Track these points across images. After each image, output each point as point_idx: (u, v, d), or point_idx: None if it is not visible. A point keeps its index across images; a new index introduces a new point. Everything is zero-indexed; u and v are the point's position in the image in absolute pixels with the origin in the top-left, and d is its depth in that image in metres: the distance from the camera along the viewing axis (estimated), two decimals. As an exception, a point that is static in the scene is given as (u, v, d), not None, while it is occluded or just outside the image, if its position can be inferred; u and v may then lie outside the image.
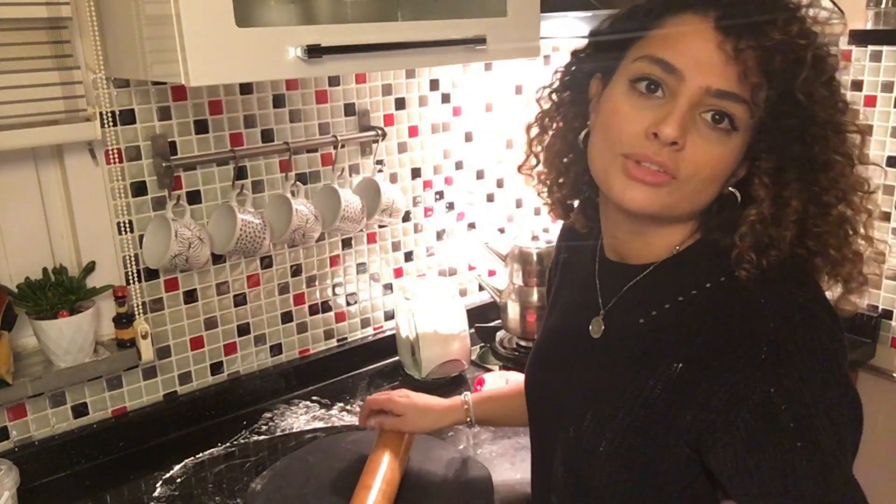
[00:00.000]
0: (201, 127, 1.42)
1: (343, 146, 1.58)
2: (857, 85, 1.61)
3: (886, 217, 1.62)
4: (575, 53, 0.88)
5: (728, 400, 0.71)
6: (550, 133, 0.91)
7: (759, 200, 0.73)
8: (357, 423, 1.43)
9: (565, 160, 0.89)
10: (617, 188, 0.76)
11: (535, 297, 1.72)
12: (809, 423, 0.69)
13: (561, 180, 0.91)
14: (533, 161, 0.93)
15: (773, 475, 0.69)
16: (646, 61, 0.74)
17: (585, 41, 0.86)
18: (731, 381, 0.71)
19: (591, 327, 0.88)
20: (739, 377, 0.71)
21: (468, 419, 1.22)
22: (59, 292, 1.29)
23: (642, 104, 0.74)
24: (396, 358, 1.71)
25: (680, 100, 0.72)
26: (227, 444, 1.44)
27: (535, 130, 0.92)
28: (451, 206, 1.83)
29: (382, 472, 1.17)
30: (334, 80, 1.57)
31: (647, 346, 0.80)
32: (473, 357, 1.73)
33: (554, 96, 0.90)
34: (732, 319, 0.74)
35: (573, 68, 0.87)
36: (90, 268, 1.34)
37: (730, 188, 0.77)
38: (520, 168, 0.95)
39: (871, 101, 1.60)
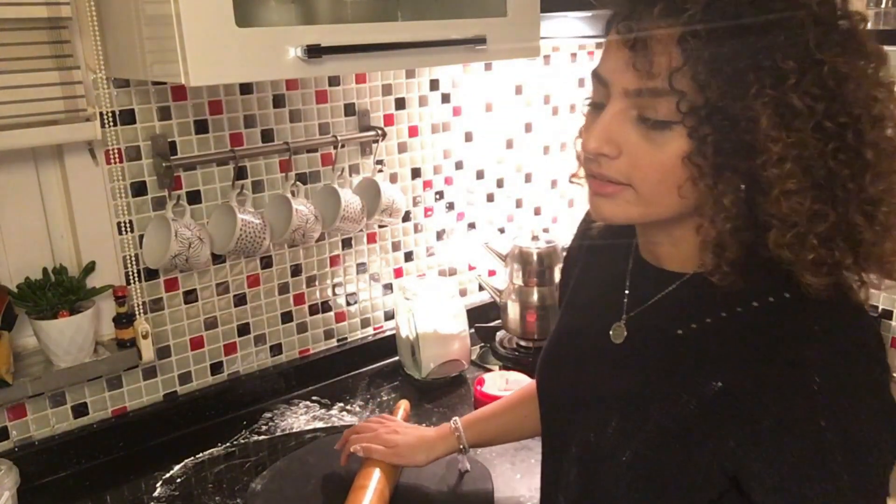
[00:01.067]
0: (201, 127, 1.42)
1: (343, 146, 1.58)
2: (857, 85, 1.61)
3: (886, 217, 1.62)
4: None
5: (776, 429, 0.69)
6: None
7: (707, 190, 0.69)
8: (356, 423, 1.43)
9: None
10: (589, 203, 0.78)
11: (535, 297, 1.72)
12: (858, 458, 0.67)
13: None
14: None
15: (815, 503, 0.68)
16: (593, 76, 0.75)
17: None
18: (780, 409, 0.69)
19: (611, 332, 0.85)
20: (790, 406, 0.68)
21: (461, 446, 1.19)
22: (59, 292, 1.29)
23: (591, 118, 0.75)
24: (396, 358, 1.71)
25: (606, 109, 0.72)
26: (227, 444, 1.44)
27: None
28: (451, 206, 1.83)
29: (378, 472, 1.17)
30: (334, 80, 1.57)
31: (683, 358, 0.77)
32: (473, 357, 1.73)
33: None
34: (782, 344, 0.70)
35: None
36: (90, 268, 1.34)
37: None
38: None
39: (871, 101, 1.60)
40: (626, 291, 0.86)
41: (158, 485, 1.32)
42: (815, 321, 0.70)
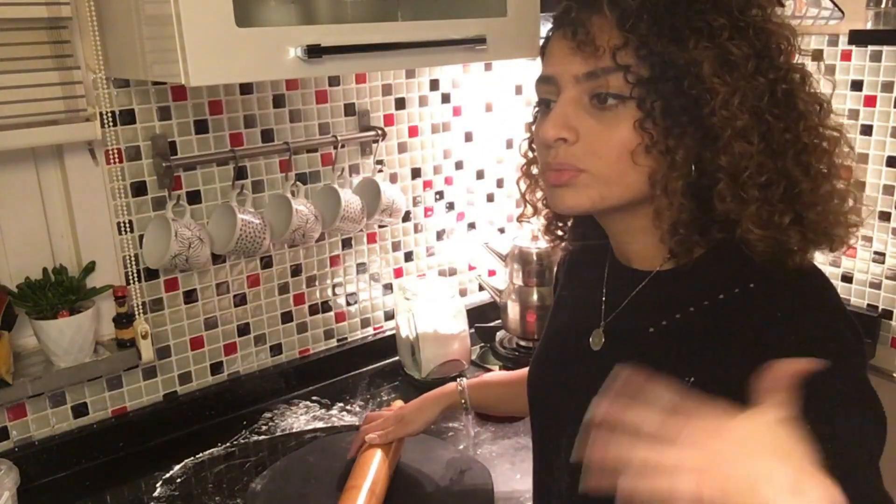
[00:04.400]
0: (201, 127, 1.42)
1: (343, 146, 1.58)
2: (857, 85, 1.61)
3: (886, 217, 1.62)
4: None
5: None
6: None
7: (652, 163, 0.72)
8: (357, 424, 1.43)
9: None
10: (549, 198, 0.80)
11: (535, 297, 1.72)
12: (836, 447, 0.66)
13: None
14: (530, 210, 0.94)
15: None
16: (537, 84, 0.80)
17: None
18: (749, 399, 0.67)
19: (591, 339, 0.86)
20: (759, 395, 0.68)
21: (463, 402, 1.22)
22: (59, 292, 1.29)
23: (543, 119, 0.78)
24: (396, 358, 1.71)
25: (559, 99, 0.75)
26: (227, 444, 1.44)
27: (524, 183, 0.93)
28: (451, 206, 1.83)
29: (372, 472, 1.16)
30: (334, 80, 1.57)
31: (656, 357, 0.78)
32: (473, 357, 1.73)
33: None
34: (747, 332, 0.72)
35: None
36: (90, 268, 1.34)
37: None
38: (520, 219, 0.96)
39: (871, 101, 1.60)
40: (604, 296, 0.87)
41: (158, 485, 1.32)
42: (778, 307, 0.72)
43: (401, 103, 1.68)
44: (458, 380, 1.24)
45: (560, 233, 0.95)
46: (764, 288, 0.73)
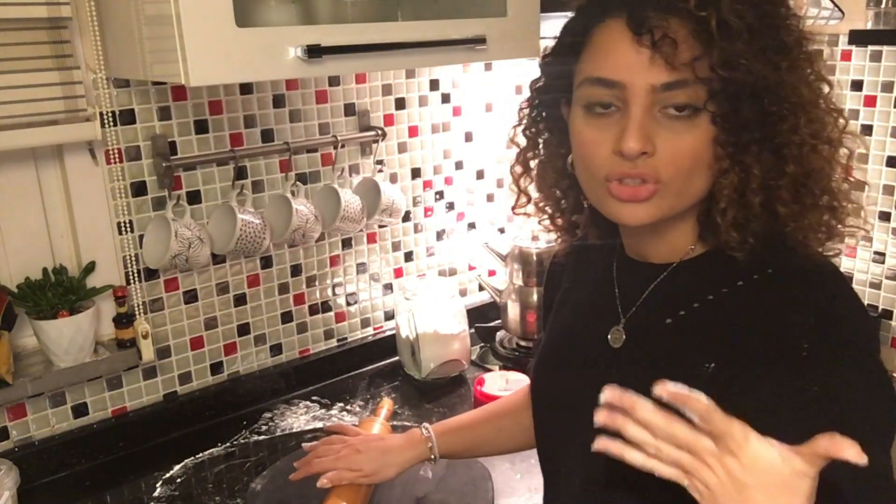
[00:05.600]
0: (201, 127, 1.42)
1: (343, 146, 1.58)
2: (857, 85, 1.61)
3: (886, 217, 1.62)
4: (533, 85, 0.88)
5: (769, 400, 0.69)
6: (536, 166, 0.91)
7: (725, 172, 0.73)
8: (357, 423, 1.43)
9: (562, 186, 0.89)
10: (613, 212, 0.77)
11: (535, 297, 1.72)
12: (855, 422, 0.67)
13: (563, 204, 0.90)
14: (524, 199, 0.93)
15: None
16: (588, 84, 0.75)
17: (539, 72, 0.87)
18: (772, 380, 0.70)
19: (610, 336, 0.85)
20: (781, 376, 0.69)
21: (431, 456, 1.12)
22: (59, 292, 1.29)
23: (602, 124, 0.74)
24: (396, 358, 1.71)
25: (633, 109, 0.72)
26: (227, 444, 1.44)
27: (518, 169, 0.92)
28: (451, 206, 1.83)
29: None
30: (334, 80, 1.57)
31: (674, 346, 0.78)
32: (473, 357, 1.73)
33: (528, 132, 0.90)
34: (768, 316, 0.73)
35: (536, 101, 0.88)
36: (90, 268, 1.34)
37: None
38: (514, 209, 0.94)
39: (871, 102, 1.60)
40: (617, 293, 0.86)
41: (158, 485, 1.32)
42: (799, 290, 0.73)
43: (401, 103, 1.68)
44: (423, 427, 1.14)
45: (570, 224, 0.93)
46: (782, 274, 0.74)
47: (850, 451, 0.54)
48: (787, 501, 0.58)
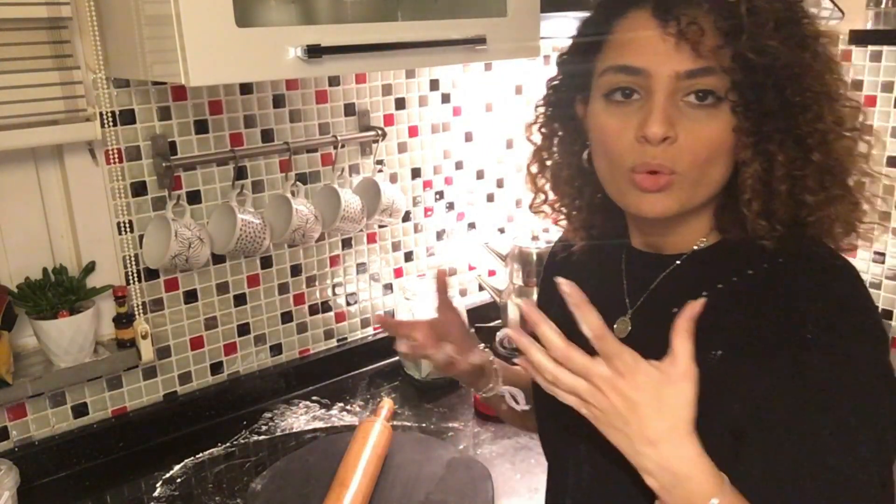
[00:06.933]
0: (201, 127, 1.42)
1: (343, 146, 1.58)
2: (857, 85, 1.61)
3: (886, 217, 1.62)
4: (550, 82, 0.89)
5: (775, 385, 0.70)
6: (551, 165, 0.91)
7: (749, 162, 0.73)
8: (357, 423, 1.43)
9: (576, 184, 0.89)
10: (633, 203, 0.77)
11: (535, 297, 1.71)
12: (860, 405, 0.68)
13: (577, 202, 0.90)
14: (541, 198, 0.93)
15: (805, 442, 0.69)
16: (611, 72, 0.76)
17: (555, 69, 0.88)
18: (778, 365, 0.70)
19: (615, 327, 0.85)
20: (786, 360, 0.70)
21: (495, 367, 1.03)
22: (59, 292, 1.29)
23: (624, 112, 0.75)
24: (396, 358, 1.71)
25: (656, 95, 0.72)
26: (227, 444, 1.44)
27: (535, 167, 0.92)
28: (451, 206, 1.83)
29: (359, 472, 1.17)
30: (334, 80, 1.57)
31: None
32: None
33: (543, 130, 0.90)
34: (775, 302, 0.73)
35: (552, 98, 0.88)
36: (90, 268, 1.34)
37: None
38: (531, 207, 0.94)
39: (871, 102, 1.60)
40: (625, 284, 0.87)
41: (158, 485, 1.32)
42: (808, 280, 0.73)
43: (401, 103, 1.68)
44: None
45: (585, 222, 0.92)
46: (793, 264, 0.74)
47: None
48: (673, 412, 0.67)
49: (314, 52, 1.10)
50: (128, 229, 1.37)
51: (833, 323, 0.70)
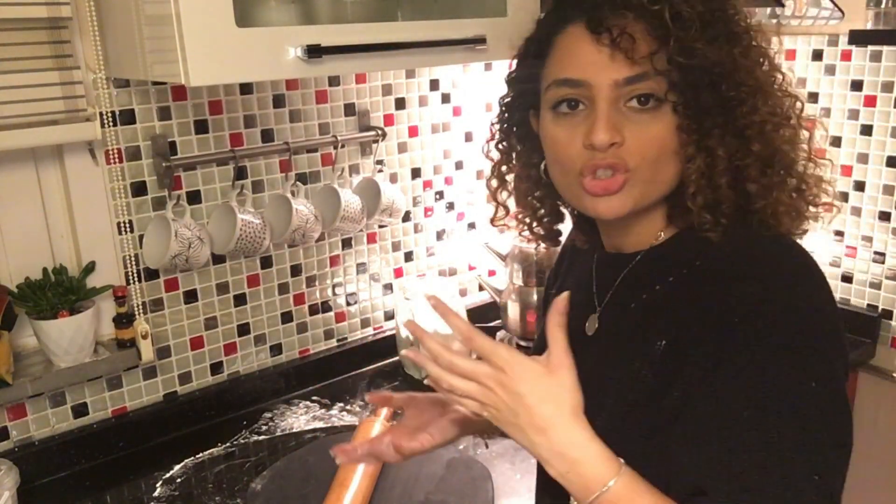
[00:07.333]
0: (201, 127, 1.42)
1: (343, 146, 1.58)
2: (857, 85, 1.61)
3: (886, 217, 1.62)
4: (502, 100, 0.92)
5: (707, 367, 0.71)
6: (511, 178, 0.94)
7: (693, 157, 0.76)
8: (357, 423, 1.43)
9: (537, 194, 0.93)
10: (588, 207, 0.80)
11: (534, 297, 1.72)
12: (797, 383, 0.68)
13: (541, 212, 0.95)
14: (502, 212, 0.97)
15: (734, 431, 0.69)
16: (555, 86, 0.79)
17: (505, 88, 0.91)
18: (710, 349, 0.72)
19: (587, 325, 0.89)
20: (716, 343, 0.71)
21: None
22: (59, 292, 1.29)
23: (571, 123, 0.78)
24: (396, 358, 1.71)
25: (599, 104, 0.75)
26: (227, 444, 1.44)
27: (495, 182, 0.95)
28: (451, 206, 1.83)
29: (359, 471, 1.17)
30: (334, 80, 1.57)
31: (634, 328, 0.82)
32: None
33: (500, 146, 0.93)
34: (714, 289, 0.75)
35: (505, 114, 0.91)
36: (90, 268, 1.34)
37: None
38: (492, 221, 0.98)
39: (871, 101, 1.60)
40: (595, 285, 0.90)
41: (158, 485, 1.32)
42: (749, 262, 0.76)
43: (401, 103, 1.68)
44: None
45: (550, 232, 0.96)
46: (741, 253, 0.77)
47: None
48: (555, 399, 0.72)
49: (314, 52, 1.10)
50: (128, 229, 1.37)
51: (758, 309, 0.71)
